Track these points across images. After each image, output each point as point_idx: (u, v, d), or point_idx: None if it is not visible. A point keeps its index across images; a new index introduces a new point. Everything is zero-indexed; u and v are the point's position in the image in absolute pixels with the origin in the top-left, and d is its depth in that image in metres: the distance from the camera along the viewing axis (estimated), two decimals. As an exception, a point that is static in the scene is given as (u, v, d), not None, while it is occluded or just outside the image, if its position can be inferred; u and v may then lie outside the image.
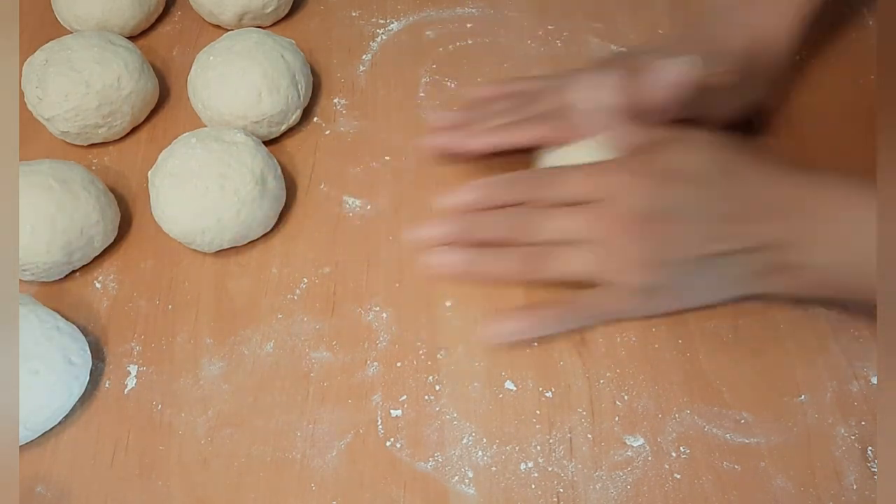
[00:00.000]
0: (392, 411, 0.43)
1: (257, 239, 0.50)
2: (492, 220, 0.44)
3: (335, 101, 0.57)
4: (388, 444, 0.42)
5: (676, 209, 0.41)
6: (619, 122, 0.44)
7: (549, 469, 0.41)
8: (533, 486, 0.41)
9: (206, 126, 0.53)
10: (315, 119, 0.56)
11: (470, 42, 0.60)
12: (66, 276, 0.49)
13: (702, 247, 0.41)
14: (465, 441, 0.42)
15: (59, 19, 0.61)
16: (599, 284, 0.43)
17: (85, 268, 0.49)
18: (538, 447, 0.42)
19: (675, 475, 0.40)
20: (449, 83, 0.57)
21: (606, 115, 0.44)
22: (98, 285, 0.49)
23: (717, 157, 0.42)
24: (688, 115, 0.46)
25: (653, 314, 0.45)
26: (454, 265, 0.44)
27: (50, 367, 0.42)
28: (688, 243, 0.41)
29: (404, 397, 0.44)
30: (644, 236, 0.41)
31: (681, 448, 0.41)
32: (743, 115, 0.50)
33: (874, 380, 0.43)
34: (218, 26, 0.61)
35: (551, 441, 0.42)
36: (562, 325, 0.45)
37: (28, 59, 0.53)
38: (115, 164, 0.55)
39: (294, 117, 0.54)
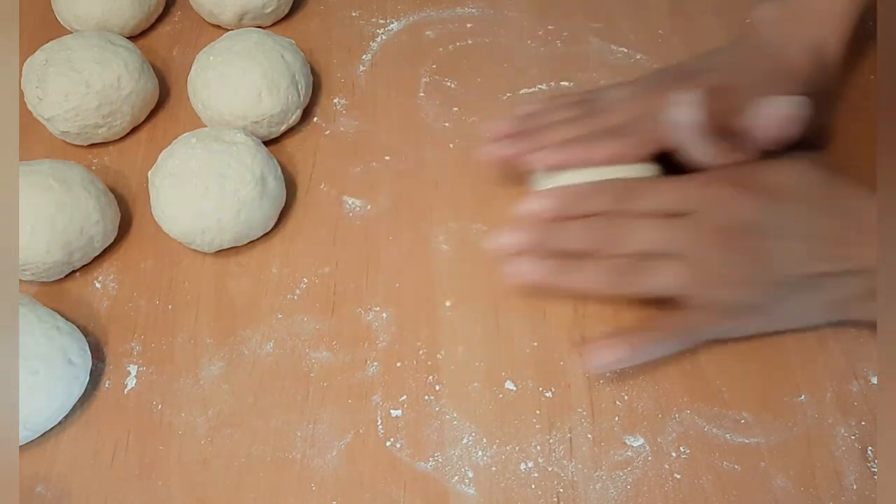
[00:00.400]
0: (392, 411, 0.43)
1: (257, 239, 0.50)
2: (576, 229, 0.42)
3: (335, 101, 0.57)
4: (388, 444, 0.42)
5: (777, 226, 0.40)
6: (709, 141, 0.41)
7: (549, 469, 0.41)
8: (533, 486, 0.41)
9: (206, 126, 0.53)
10: (315, 119, 0.56)
11: (470, 42, 0.60)
12: (66, 276, 0.49)
13: (802, 267, 0.39)
14: (465, 441, 0.42)
15: (59, 19, 0.61)
16: (689, 302, 0.41)
17: (85, 268, 0.49)
18: (538, 447, 0.42)
19: (675, 475, 0.41)
20: (449, 83, 0.57)
21: (694, 133, 0.42)
22: (98, 285, 0.49)
23: (815, 176, 0.41)
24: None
25: (745, 335, 0.43)
26: (537, 276, 0.42)
27: (50, 367, 0.42)
28: (788, 262, 0.40)
29: (404, 397, 0.44)
30: (743, 252, 0.40)
31: (681, 448, 0.41)
32: (811, 137, 0.45)
33: (874, 380, 0.43)
34: (218, 26, 0.61)
35: (551, 441, 0.42)
36: (661, 350, 0.42)
37: (28, 59, 0.53)
38: (115, 164, 0.55)
39: (294, 117, 0.54)
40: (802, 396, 0.43)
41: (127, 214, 0.52)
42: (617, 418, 0.42)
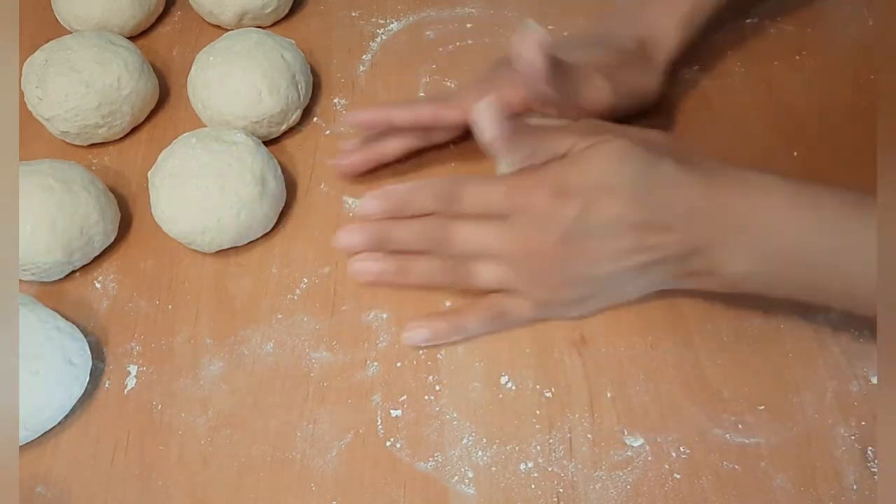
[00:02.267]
0: (392, 411, 0.43)
1: (257, 239, 0.50)
2: (406, 231, 0.44)
3: (335, 101, 0.57)
4: (387, 444, 0.42)
5: (586, 228, 0.40)
6: (509, 149, 0.42)
7: (549, 469, 0.41)
8: (533, 486, 0.41)
9: (206, 126, 0.53)
10: (315, 119, 0.56)
11: (470, 42, 0.60)
12: (66, 276, 0.49)
13: (617, 262, 0.41)
14: (465, 441, 0.42)
15: (59, 19, 0.61)
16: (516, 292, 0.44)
17: (85, 268, 0.49)
18: (538, 447, 0.42)
19: (675, 475, 0.40)
20: (449, 83, 0.57)
21: (497, 143, 0.41)
22: (98, 285, 0.49)
23: (631, 167, 0.40)
24: (573, 102, 0.46)
25: (572, 318, 0.46)
26: (380, 274, 0.44)
27: (50, 368, 0.42)
28: (604, 260, 0.41)
29: (404, 397, 0.44)
30: (555, 259, 0.41)
31: (681, 448, 0.41)
32: (633, 103, 0.50)
33: (874, 380, 0.43)
34: (218, 26, 0.61)
35: (551, 441, 0.42)
36: (479, 330, 0.45)
37: (28, 59, 0.53)
38: (115, 164, 0.55)
39: (294, 117, 0.54)
40: (802, 396, 0.43)
41: (127, 214, 0.52)
42: (617, 418, 0.42)
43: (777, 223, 0.39)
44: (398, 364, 0.45)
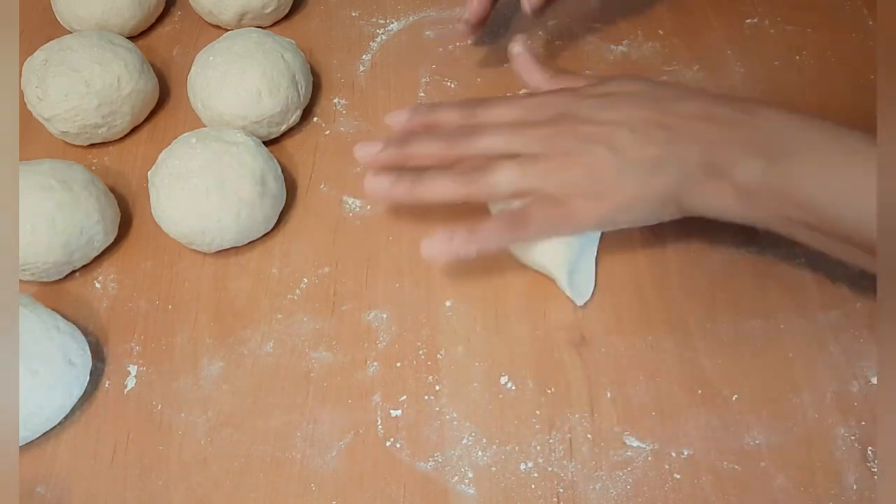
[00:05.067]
0: (392, 411, 0.43)
1: (257, 239, 0.50)
2: (426, 139, 0.45)
3: (335, 101, 0.57)
4: (387, 444, 0.42)
5: (616, 120, 0.42)
6: (540, 68, 0.49)
7: (549, 469, 0.41)
8: (533, 486, 0.41)
9: (206, 126, 0.53)
10: (315, 119, 0.56)
11: (470, 42, 0.60)
12: (66, 276, 0.49)
13: (642, 149, 0.41)
14: (465, 441, 0.42)
15: (59, 19, 0.61)
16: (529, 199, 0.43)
17: (85, 268, 0.50)
18: (538, 447, 0.42)
19: (675, 475, 0.40)
20: (449, 83, 0.57)
21: (528, 61, 0.49)
22: (98, 285, 0.49)
23: (647, 82, 0.45)
24: None
25: (585, 229, 0.44)
26: (393, 187, 0.44)
27: (50, 368, 0.42)
28: (623, 145, 0.41)
29: (404, 397, 0.44)
30: (575, 138, 0.42)
31: (681, 448, 0.41)
32: None
33: (874, 380, 0.43)
34: (218, 26, 0.61)
35: (551, 441, 0.42)
36: (499, 240, 0.43)
37: (28, 59, 0.53)
38: (115, 164, 0.55)
39: (294, 117, 0.54)
40: (802, 396, 0.43)
41: (127, 214, 0.52)
42: (617, 418, 0.42)
43: (793, 143, 0.39)
44: (398, 364, 0.45)
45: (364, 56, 0.60)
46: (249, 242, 0.50)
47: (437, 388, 0.44)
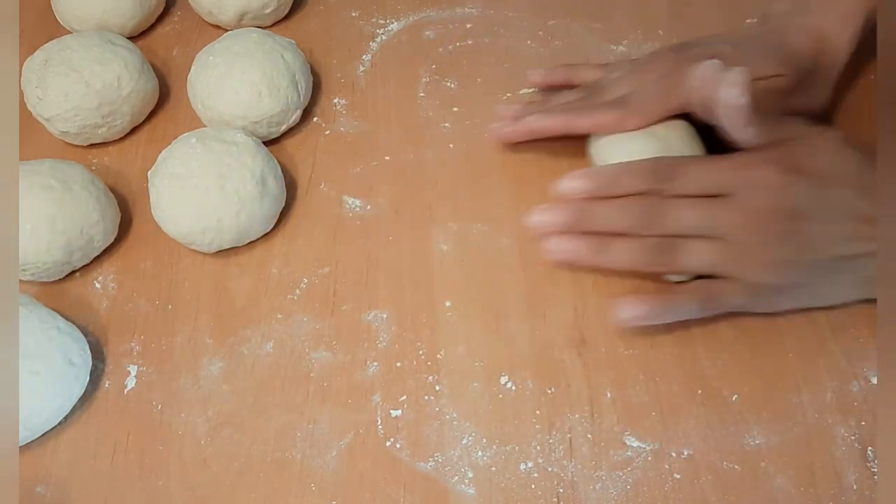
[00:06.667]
0: (392, 411, 0.43)
1: (257, 239, 0.50)
2: (615, 208, 0.42)
3: (335, 101, 0.57)
4: (387, 444, 0.42)
5: (813, 207, 0.40)
6: (752, 122, 0.41)
7: (549, 469, 0.41)
8: (533, 486, 0.41)
9: (206, 126, 0.53)
10: (315, 119, 0.56)
11: (470, 42, 0.60)
12: (66, 276, 0.49)
13: (838, 248, 0.40)
14: (464, 441, 0.42)
15: (59, 19, 0.61)
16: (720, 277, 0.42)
17: (85, 268, 0.50)
18: (538, 447, 0.42)
19: (675, 475, 0.40)
20: (449, 83, 0.57)
21: (741, 115, 0.41)
22: (98, 285, 0.49)
23: (849, 155, 0.41)
24: None
25: (772, 311, 0.44)
26: (574, 253, 0.43)
27: (50, 368, 0.42)
28: (824, 244, 0.40)
29: (404, 397, 0.44)
30: (780, 235, 0.40)
31: (681, 448, 0.41)
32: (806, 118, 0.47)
33: (874, 380, 0.43)
34: (218, 26, 0.61)
35: (551, 441, 0.42)
36: (683, 313, 0.43)
37: (28, 59, 0.53)
38: (115, 164, 0.55)
39: (294, 117, 0.54)
40: (802, 396, 0.43)
41: (127, 214, 0.52)
42: (617, 418, 0.42)
43: None
44: (398, 364, 0.45)
45: (364, 56, 0.60)
46: (249, 242, 0.50)
47: (437, 388, 0.44)
